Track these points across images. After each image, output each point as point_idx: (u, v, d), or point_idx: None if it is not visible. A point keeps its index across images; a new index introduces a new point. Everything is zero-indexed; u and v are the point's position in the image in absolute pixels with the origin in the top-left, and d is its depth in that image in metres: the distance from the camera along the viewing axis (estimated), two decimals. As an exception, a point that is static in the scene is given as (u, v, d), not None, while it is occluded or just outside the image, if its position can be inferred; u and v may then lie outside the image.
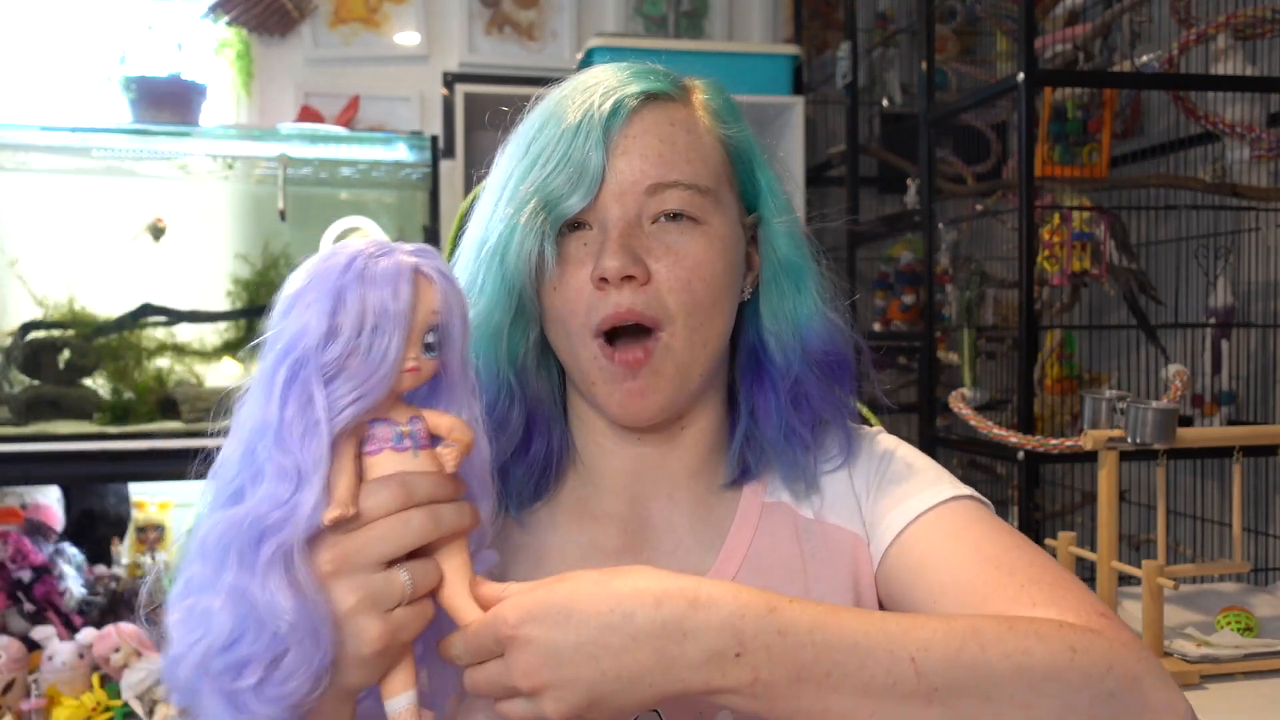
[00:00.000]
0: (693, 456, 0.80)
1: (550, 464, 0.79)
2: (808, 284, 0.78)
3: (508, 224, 0.73)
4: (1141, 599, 1.29)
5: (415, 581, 0.58)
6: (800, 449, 0.78)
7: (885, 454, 0.81)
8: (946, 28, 2.60)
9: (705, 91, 0.79)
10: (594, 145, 0.72)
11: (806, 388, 0.78)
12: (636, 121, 0.74)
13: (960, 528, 0.73)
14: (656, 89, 0.75)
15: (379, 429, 0.59)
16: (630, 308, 0.71)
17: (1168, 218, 2.00)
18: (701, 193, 0.74)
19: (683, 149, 0.74)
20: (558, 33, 3.16)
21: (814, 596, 0.76)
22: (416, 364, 0.58)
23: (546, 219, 0.72)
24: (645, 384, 0.73)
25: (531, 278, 0.73)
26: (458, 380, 0.63)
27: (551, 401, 0.80)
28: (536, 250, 0.72)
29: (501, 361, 0.76)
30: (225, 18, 2.87)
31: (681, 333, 0.73)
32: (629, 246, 0.71)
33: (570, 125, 0.73)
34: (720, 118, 0.78)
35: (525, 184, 0.73)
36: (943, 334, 2.26)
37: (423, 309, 0.58)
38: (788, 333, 0.78)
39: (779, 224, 0.78)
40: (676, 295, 0.72)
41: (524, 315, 0.75)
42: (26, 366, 2.39)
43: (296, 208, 2.79)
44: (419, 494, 0.58)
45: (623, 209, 0.73)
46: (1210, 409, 1.83)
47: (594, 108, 0.73)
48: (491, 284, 0.74)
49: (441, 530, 0.59)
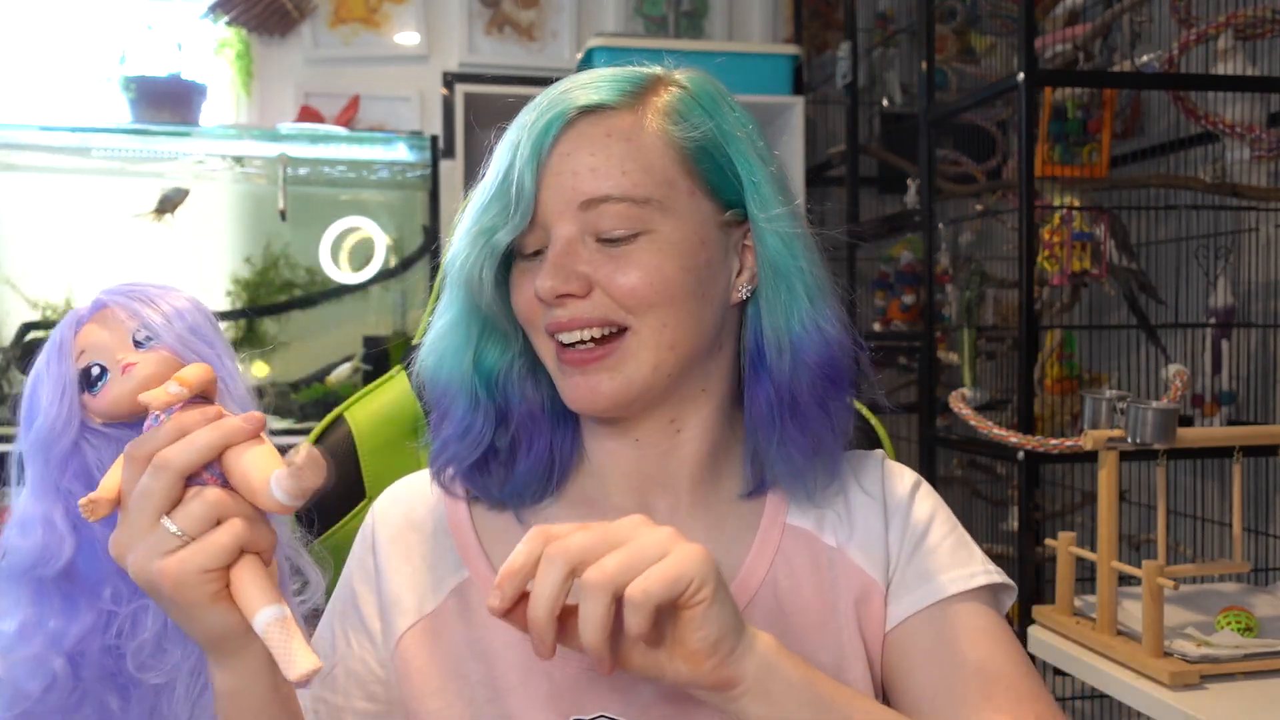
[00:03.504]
0: (694, 463, 0.79)
1: (555, 464, 0.80)
2: (797, 287, 0.76)
3: (461, 249, 0.75)
4: (1141, 599, 1.29)
5: (181, 522, 0.59)
6: (799, 454, 0.77)
7: (930, 511, 0.81)
8: (946, 28, 2.60)
9: (671, 90, 0.76)
10: (526, 166, 0.72)
11: (801, 398, 0.77)
12: (570, 137, 0.73)
13: (981, 629, 0.76)
14: (594, 102, 0.74)
15: (148, 423, 0.63)
16: (573, 315, 0.72)
17: (1168, 218, 2.00)
18: (639, 203, 0.72)
19: (618, 159, 0.72)
20: (558, 33, 3.16)
21: (829, 629, 0.76)
22: (127, 360, 0.65)
23: (486, 246, 0.73)
24: (596, 381, 0.73)
25: (491, 298, 0.75)
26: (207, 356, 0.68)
27: (550, 406, 0.80)
28: (481, 276, 0.74)
29: (467, 373, 0.78)
30: (225, 18, 2.87)
31: (643, 330, 0.73)
32: (563, 265, 0.72)
33: (510, 144, 0.74)
34: (679, 117, 0.75)
35: (474, 209, 0.75)
36: (943, 334, 2.26)
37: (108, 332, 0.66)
38: (782, 337, 0.76)
39: (765, 222, 0.75)
40: (624, 298, 0.72)
41: (496, 331, 0.78)
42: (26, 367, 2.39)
43: (296, 208, 2.79)
44: (142, 448, 0.60)
45: (562, 227, 0.73)
46: (1210, 409, 1.83)
47: (527, 126, 0.73)
48: (456, 303, 0.77)
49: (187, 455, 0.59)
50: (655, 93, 0.76)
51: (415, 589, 0.78)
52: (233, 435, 0.61)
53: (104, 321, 0.67)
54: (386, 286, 2.95)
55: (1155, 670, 1.25)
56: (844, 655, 0.75)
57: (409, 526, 0.81)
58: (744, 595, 0.76)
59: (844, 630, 0.76)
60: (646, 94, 0.76)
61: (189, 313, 0.68)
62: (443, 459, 0.79)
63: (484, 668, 0.74)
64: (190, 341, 0.67)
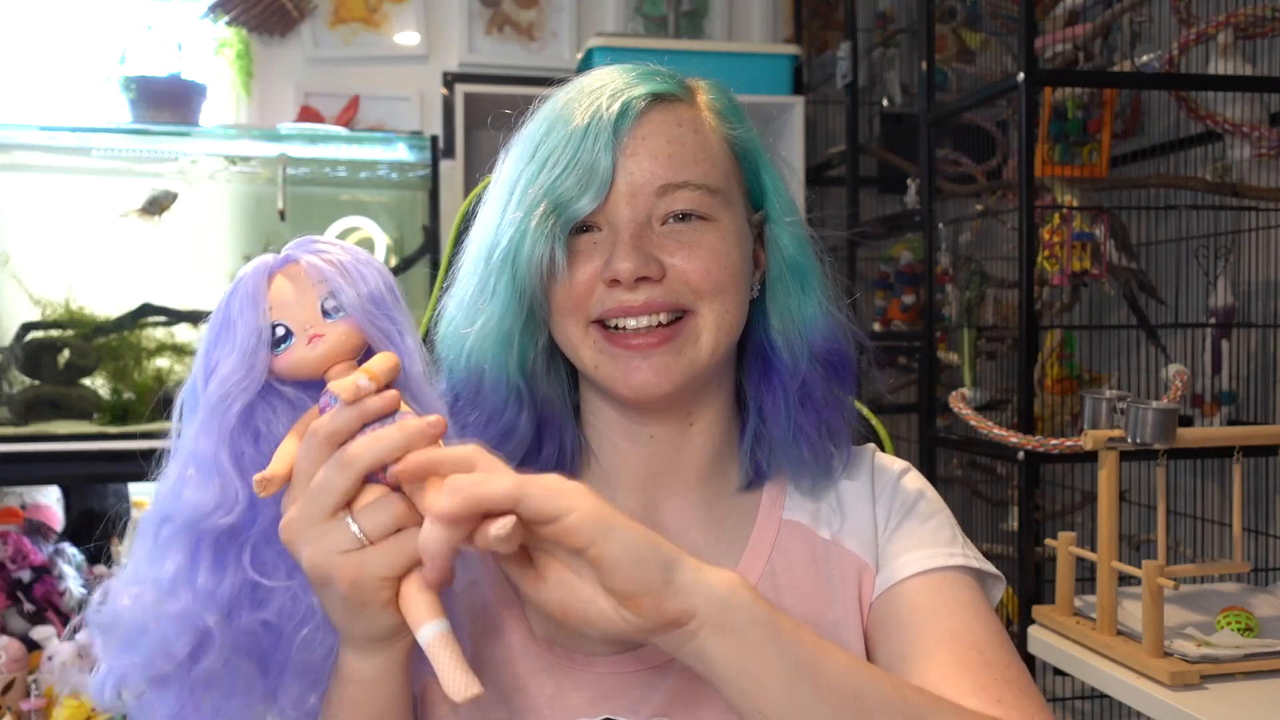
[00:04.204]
0: (702, 457, 0.80)
1: (563, 466, 0.80)
2: (812, 283, 0.79)
3: (518, 228, 0.73)
4: (1141, 599, 1.29)
5: (365, 525, 0.59)
6: (807, 448, 0.79)
7: (915, 494, 0.82)
8: (946, 28, 2.59)
9: (709, 92, 0.80)
10: (603, 147, 0.72)
11: (812, 387, 0.79)
12: (645, 123, 0.74)
13: (961, 601, 0.76)
14: (663, 90, 0.76)
15: (322, 402, 0.63)
16: (648, 299, 0.72)
17: (1168, 218, 2.00)
18: (711, 192, 0.75)
19: (691, 149, 0.75)
20: (558, 33, 3.16)
21: (829, 619, 0.77)
22: (316, 331, 0.63)
23: (557, 222, 0.72)
24: (664, 362, 0.73)
25: (542, 280, 0.73)
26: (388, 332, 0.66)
27: (562, 403, 0.80)
28: (547, 254, 0.72)
29: (511, 368, 0.76)
30: (225, 18, 2.87)
31: (709, 315, 0.74)
32: (641, 247, 0.72)
33: (578, 127, 0.73)
34: (725, 118, 0.78)
35: (534, 187, 0.73)
36: (943, 334, 2.26)
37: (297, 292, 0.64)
38: (794, 331, 0.79)
39: (785, 223, 0.79)
40: (697, 283, 0.73)
41: (534, 319, 0.76)
42: (26, 366, 2.39)
43: (296, 208, 2.79)
44: (321, 432, 0.60)
45: (633, 210, 0.73)
46: (1210, 409, 1.83)
47: (602, 109, 0.73)
48: (504, 289, 0.74)
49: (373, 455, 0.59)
50: (698, 90, 0.79)
51: None
52: (417, 440, 0.60)
53: (294, 279, 0.64)
54: (386, 286, 2.95)
55: (1155, 670, 1.25)
56: (844, 645, 0.76)
57: None
58: None
59: (843, 622, 0.77)
60: (695, 91, 0.79)
61: (376, 284, 0.66)
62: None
63: (492, 670, 0.74)
64: (375, 317, 0.65)
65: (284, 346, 0.63)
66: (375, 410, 0.61)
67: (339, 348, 0.64)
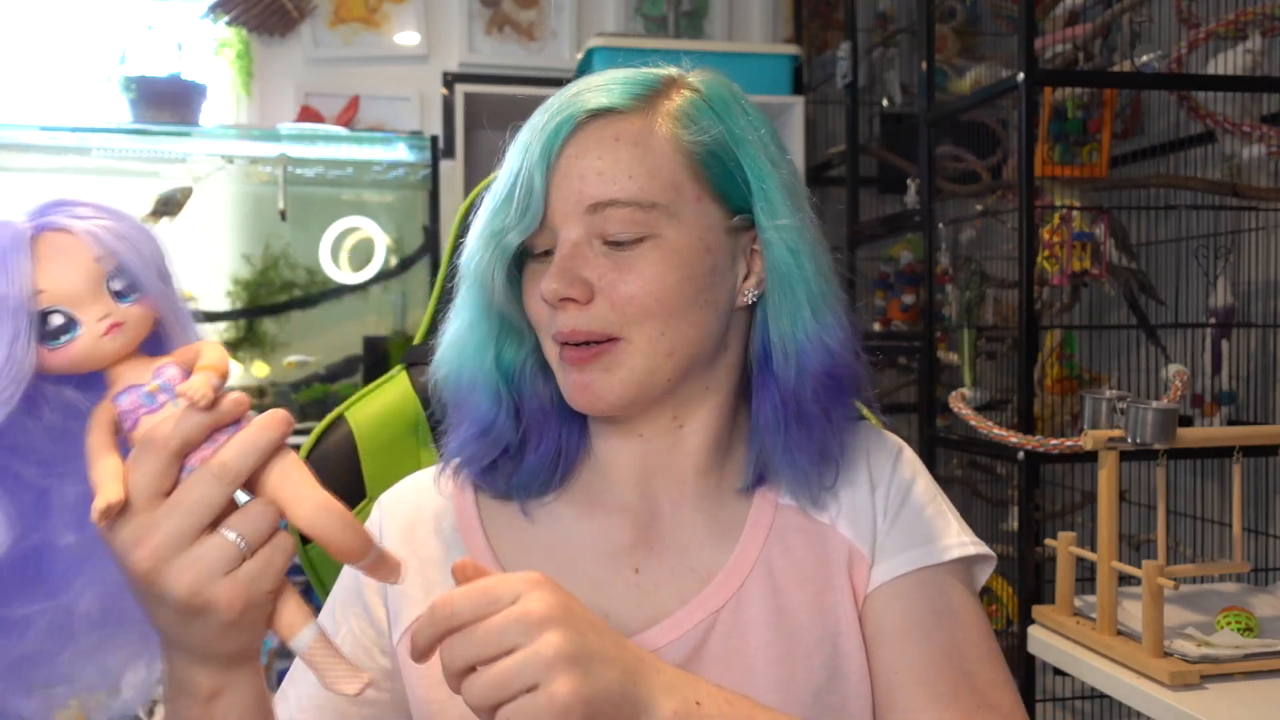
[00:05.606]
0: (697, 455, 0.80)
1: (561, 459, 0.81)
2: (801, 295, 0.76)
3: (475, 250, 0.76)
4: (1141, 599, 1.29)
5: (246, 533, 0.54)
6: (804, 458, 0.78)
7: (909, 480, 0.82)
8: (946, 28, 2.60)
9: (684, 94, 0.77)
10: (536, 167, 0.73)
11: (805, 397, 0.77)
12: (578, 140, 0.74)
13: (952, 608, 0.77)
14: (604, 105, 0.74)
15: (124, 401, 0.55)
16: (574, 328, 0.73)
17: (1168, 218, 2.00)
18: (644, 208, 0.72)
19: (625, 164, 0.73)
20: (558, 33, 3.16)
21: (826, 601, 0.77)
22: (114, 319, 0.54)
23: (497, 249, 0.74)
24: (591, 379, 0.74)
25: (498, 297, 0.76)
26: (179, 310, 0.58)
27: (559, 400, 0.80)
28: (492, 278, 0.75)
29: (489, 371, 0.79)
30: (225, 18, 2.87)
31: (638, 340, 0.73)
32: (569, 269, 0.72)
33: (522, 145, 0.75)
34: (689, 121, 0.75)
35: (487, 210, 0.75)
36: (943, 334, 2.26)
37: (72, 267, 0.53)
38: (789, 340, 0.77)
39: (773, 229, 0.76)
40: (621, 309, 0.73)
41: (512, 329, 0.79)
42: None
43: (296, 208, 2.79)
44: (173, 444, 0.53)
45: (569, 230, 0.73)
46: (1210, 409, 1.83)
47: (539, 128, 0.74)
48: (471, 303, 0.78)
49: (251, 462, 0.54)
50: (666, 96, 0.76)
51: (423, 583, 0.79)
52: (285, 435, 0.56)
53: (66, 253, 0.53)
54: (386, 286, 2.96)
55: (1155, 670, 1.25)
56: (840, 630, 0.77)
57: (417, 523, 0.82)
58: (738, 575, 0.77)
59: (840, 605, 0.77)
60: (657, 97, 0.76)
61: (158, 253, 0.57)
62: (461, 458, 0.80)
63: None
64: (167, 295, 0.56)
65: (65, 339, 0.53)
66: (230, 416, 0.55)
67: (139, 337, 0.55)
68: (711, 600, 0.76)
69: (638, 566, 0.78)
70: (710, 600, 0.76)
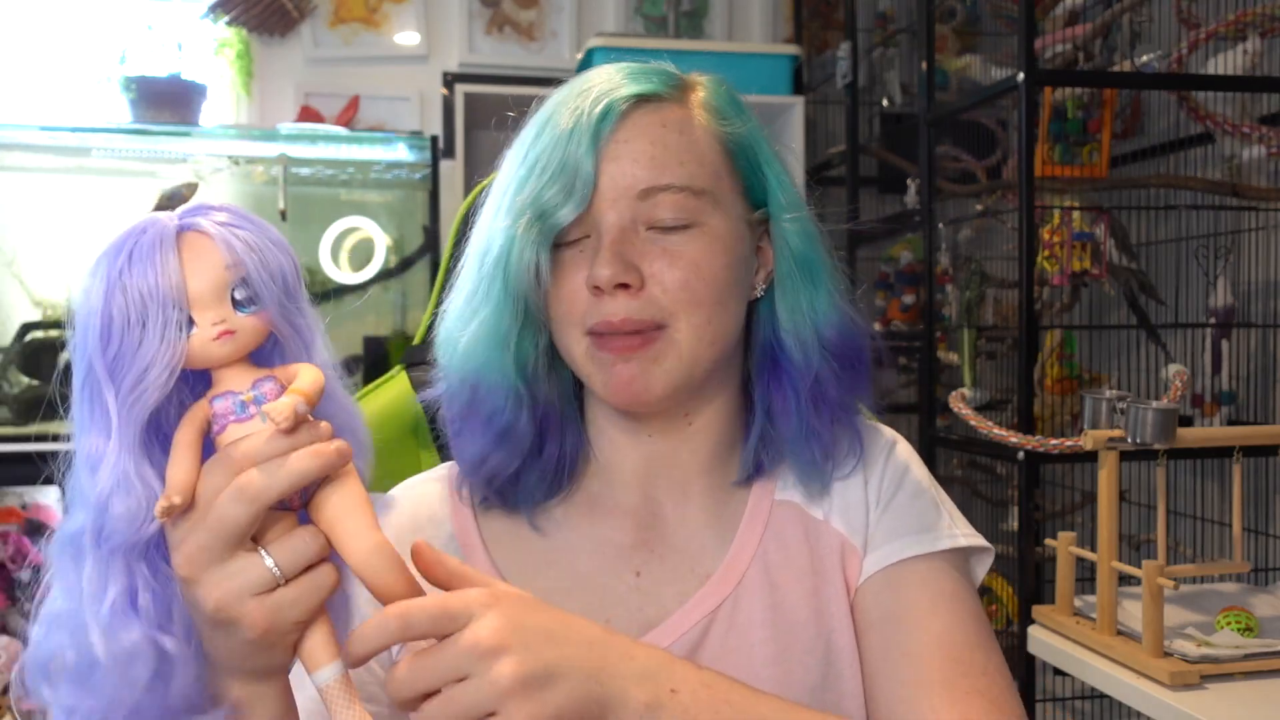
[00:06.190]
0: (703, 453, 0.80)
1: (564, 464, 0.80)
2: (822, 277, 0.78)
3: (506, 235, 0.73)
4: (1141, 599, 1.29)
5: (283, 561, 0.54)
6: (819, 449, 0.78)
7: (902, 470, 0.82)
8: (946, 27, 2.59)
9: (706, 88, 0.79)
10: (584, 152, 0.72)
11: (826, 386, 0.77)
12: (627, 125, 0.73)
13: (945, 595, 0.75)
14: (648, 90, 0.75)
15: (219, 405, 0.56)
16: (625, 316, 0.72)
17: (1168, 218, 2.00)
18: (695, 194, 0.73)
19: (675, 150, 0.73)
20: (558, 33, 3.16)
21: (822, 597, 0.77)
22: (228, 326, 0.55)
23: (541, 230, 0.72)
24: (638, 369, 0.73)
25: (534, 285, 0.73)
26: (300, 327, 0.59)
27: (565, 402, 0.80)
28: (534, 261, 0.72)
29: (509, 369, 0.76)
30: (225, 18, 2.87)
31: (685, 329, 0.73)
32: (621, 254, 0.71)
33: (563, 131, 0.73)
34: (720, 114, 0.77)
35: (522, 194, 0.73)
36: (943, 334, 2.26)
37: (204, 270, 0.54)
38: (806, 329, 0.77)
39: (790, 220, 0.77)
40: (674, 295, 0.72)
41: (531, 322, 0.76)
42: (26, 366, 2.39)
43: (296, 208, 2.79)
44: (244, 463, 0.54)
45: (617, 215, 0.73)
46: (1210, 409, 1.83)
47: (584, 113, 0.73)
48: (496, 293, 0.74)
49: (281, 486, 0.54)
50: (693, 89, 0.78)
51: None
52: (331, 467, 0.55)
53: (200, 255, 0.54)
54: (386, 286, 2.95)
55: (1155, 670, 1.25)
56: (834, 626, 0.76)
57: (414, 529, 0.81)
58: (735, 573, 0.77)
59: (834, 601, 0.77)
60: (688, 89, 0.78)
61: (288, 269, 0.57)
62: (484, 471, 0.78)
63: None
64: (289, 311, 0.58)
65: (183, 334, 0.55)
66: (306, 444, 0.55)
67: (248, 347, 0.57)
68: (709, 599, 0.76)
69: (639, 569, 0.78)
70: (708, 599, 0.76)
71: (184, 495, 0.54)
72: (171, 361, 0.54)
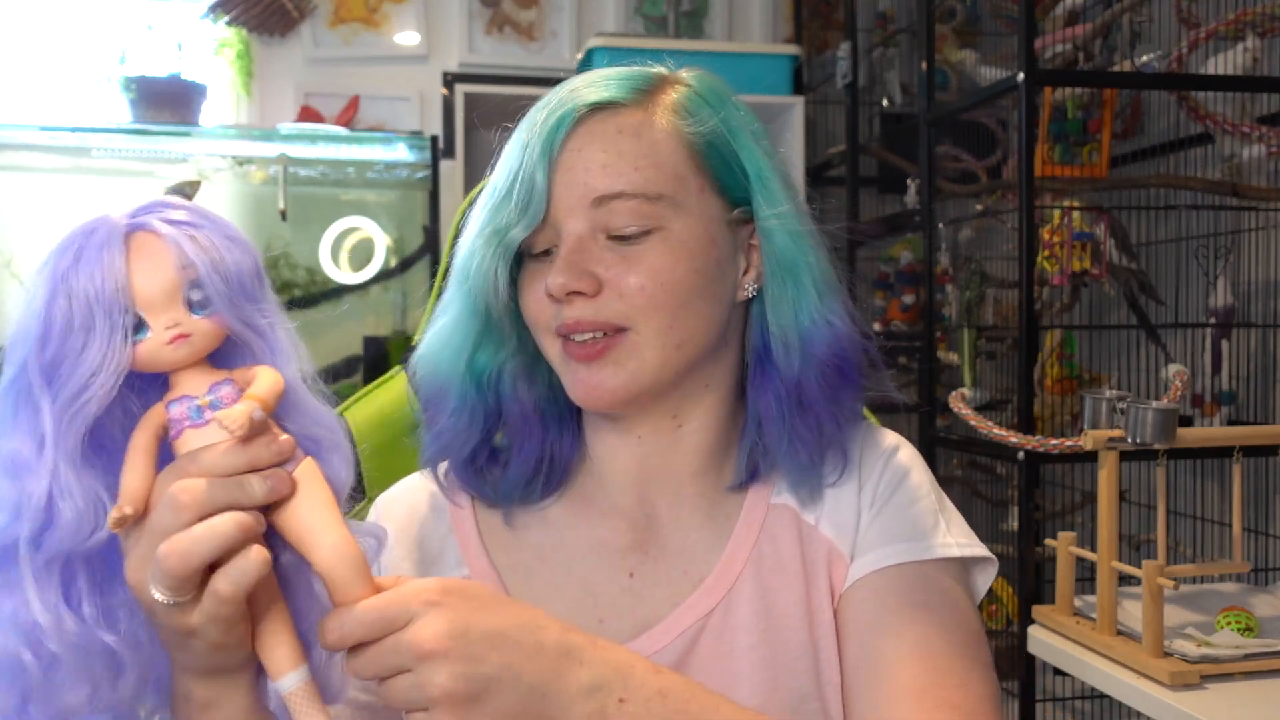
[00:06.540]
0: (696, 456, 0.79)
1: (549, 465, 0.80)
2: (806, 280, 0.76)
3: (470, 248, 0.75)
4: (1141, 599, 1.29)
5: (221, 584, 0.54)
6: (805, 454, 0.77)
7: (900, 476, 0.80)
8: (946, 27, 2.59)
9: (679, 88, 0.77)
10: (537, 164, 0.72)
11: (809, 393, 0.76)
12: (580, 133, 0.73)
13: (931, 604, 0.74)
14: (604, 99, 0.74)
15: (175, 410, 0.55)
16: (579, 318, 0.72)
17: (1168, 218, 2.00)
18: (651, 200, 0.72)
19: (630, 156, 0.73)
20: (558, 33, 3.16)
21: (813, 603, 0.76)
22: (182, 329, 0.54)
23: (500, 245, 0.73)
24: (599, 372, 0.73)
25: (499, 298, 0.74)
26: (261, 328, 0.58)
27: (549, 404, 0.80)
28: (493, 276, 0.73)
29: (462, 376, 0.77)
30: (225, 18, 2.87)
31: (646, 332, 0.73)
32: (575, 263, 0.72)
33: (521, 144, 0.74)
34: (687, 113, 0.75)
35: (485, 209, 0.75)
36: (943, 334, 2.26)
37: (154, 271, 0.53)
38: (790, 334, 0.76)
39: (773, 218, 0.75)
40: (631, 300, 0.72)
41: (493, 333, 0.77)
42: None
43: (296, 208, 2.79)
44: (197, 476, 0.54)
45: (575, 224, 0.73)
46: (1210, 409, 1.83)
47: (538, 124, 0.74)
48: (458, 304, 0.76)
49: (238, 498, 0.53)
50: (663, 90, 0.77)
51: None
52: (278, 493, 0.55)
53: (151, 257, 0.53)
54: (386, 286, 2.95)
55: (1155, 670, 1.25)
56: (821, 634, 0.76)
57: (412, 523, 0.81)
58: (728, 578, 0.77)
59: (821, 609, 0.76)
60: (654, 91, 0.76)
61: (246, 268, 0.56)
62: (431, 451, 0.80)
63: None
64: (245, 312, 0.56)
65: (136, 338, 0.53)
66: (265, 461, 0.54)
67: (204, 350, 0.55)
68: (702, 604, 0.76)
69: (632, 570, 0.78)
70: (700, 604, 0.76)
71: (136, 505, 0.53)
72: (117, 368, 0.52)
